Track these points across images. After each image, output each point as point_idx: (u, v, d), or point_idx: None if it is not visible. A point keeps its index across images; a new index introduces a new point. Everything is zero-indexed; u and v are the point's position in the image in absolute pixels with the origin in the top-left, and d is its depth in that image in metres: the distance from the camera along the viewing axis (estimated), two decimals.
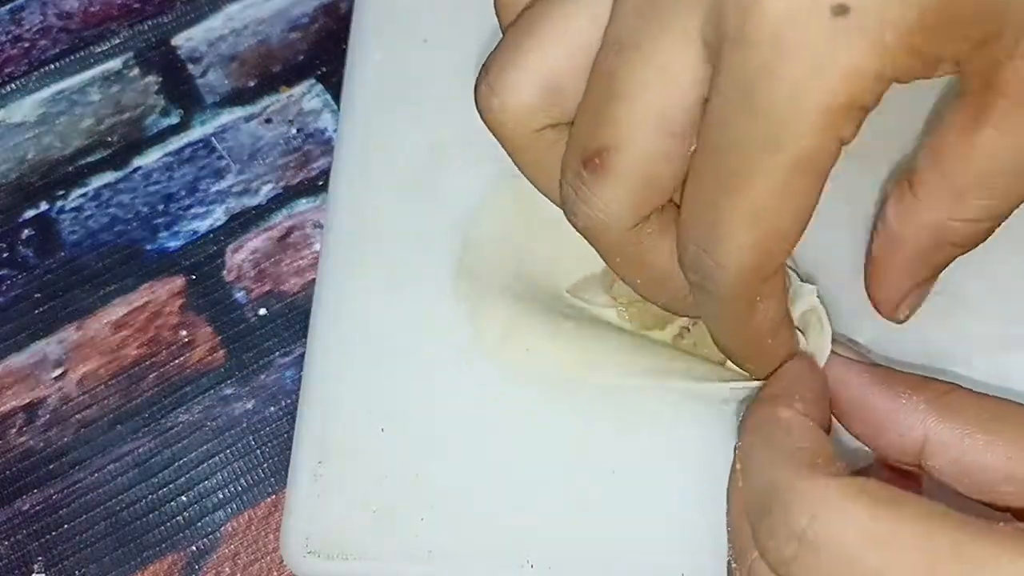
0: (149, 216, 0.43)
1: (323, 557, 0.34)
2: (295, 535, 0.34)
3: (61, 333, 0.41)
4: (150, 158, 0.45)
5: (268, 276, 0.42)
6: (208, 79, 0.46)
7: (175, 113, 0.46)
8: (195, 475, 0.38)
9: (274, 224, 0.43)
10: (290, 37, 0.47)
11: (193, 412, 0.39)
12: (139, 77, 0.47)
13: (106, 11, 0.48)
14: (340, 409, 0.36)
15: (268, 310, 0.41)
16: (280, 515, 0.37)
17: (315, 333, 0.38)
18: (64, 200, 0.44)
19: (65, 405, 0.40)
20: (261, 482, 0.38)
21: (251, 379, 0.40)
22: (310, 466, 0.35)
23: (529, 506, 0.34)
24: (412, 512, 0.34)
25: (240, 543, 0.37)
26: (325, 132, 0.45)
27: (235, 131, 0.45)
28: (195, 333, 0.41)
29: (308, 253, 0.42)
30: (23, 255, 0.43)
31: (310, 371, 0.37)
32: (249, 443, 0.39)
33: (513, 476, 0.34)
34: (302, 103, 0.45)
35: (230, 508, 0.38)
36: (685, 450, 0.34)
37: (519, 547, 0.33)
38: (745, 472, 0.27)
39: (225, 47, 0.47)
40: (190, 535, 0.37)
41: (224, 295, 0.42)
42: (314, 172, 0.44)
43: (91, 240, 0.43)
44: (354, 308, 0.38)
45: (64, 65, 0.47)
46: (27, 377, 0.41)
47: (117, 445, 0.39)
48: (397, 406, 0.36)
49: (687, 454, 0.34)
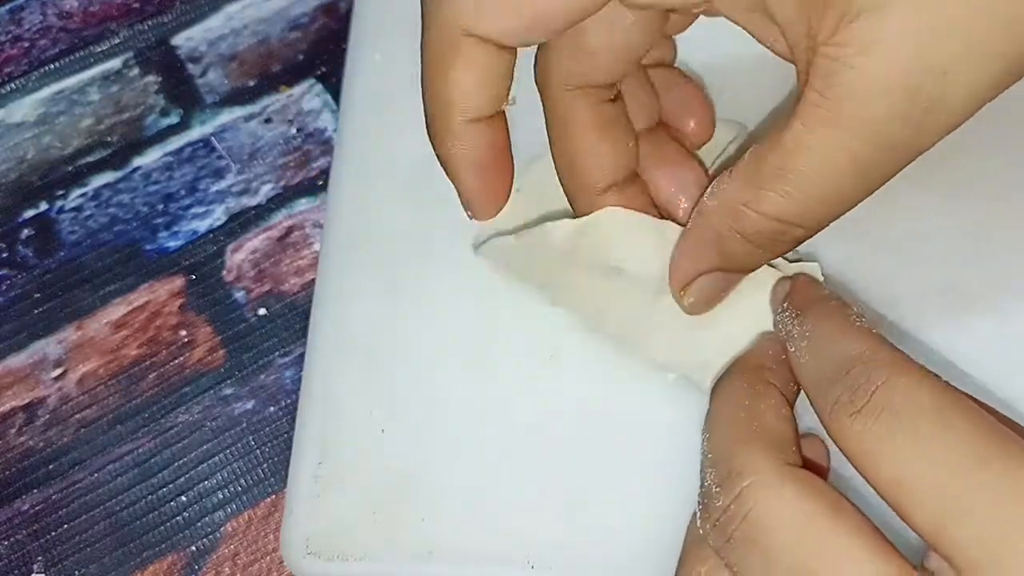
0: (149, 216, 0.43)
1: (323, 558, 0.34)
2: (295, 536, 0.34)
3: (61, 333, 0.41)
4: (150, 158, 0.45)
5: (268, 276, 0.42)
6: (208, 79, 0.46)
7: (175, 113, 0.46)
8: (195, 475, 0.38)
9: (274, 224, 0.43)
10: (290, 37, 0.47)
11: (193, 412, 0.39)
12: (139, 77, 0.47)
13: (106, 11, 0.48)
14: (340, 410, 0.36)
15: (268, 310, 0.41)
16: (280, 515, 0.37)
17: (315, 334, 0.38)
18: (64, 200, 0.44)
19: (65, 405, 0.40)
20: (261, 482, 0.38)
21: (251, 379, 0.40)
22: (310, 467, 0.35)
23: (530, 507, 0.34)
24: (413, 513, 0.34)
25: (240, 543, 0.37)
26: (325, 132, 0.45)
27: (235, 131, 0.45)
28: (195, 333, 0.41)
29: (308, 253, 0.42)
30: (23, 255, 0.43)
31: (310, 372, 0.37)
32: (249, 443, 0.39)
33: (514, 477, 0.34)
34: (302, 103, 0.45)
35: (230, 508, 0.38)
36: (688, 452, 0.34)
37: (520, 548, 0.33)
38: (709, 438, 0.28)
39: (225, 47, 0.47)
40: (190, 535, 0.37)
41: (224, 295, 0.42)
42: (314, 172, 0.44)
43: (91, 240, 0.43)
44: (354, 309, 0.38)
45: (64, 65, 0.47)
46: (27, 377, 0.41)
47: (117, 445, 0.39)
48: (397, 407, 0.36)
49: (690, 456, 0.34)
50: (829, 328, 0.28)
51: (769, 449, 0.26)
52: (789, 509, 0.25)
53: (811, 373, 0.27)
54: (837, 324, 0.28)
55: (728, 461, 0.26)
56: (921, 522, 0.24)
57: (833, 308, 0.29)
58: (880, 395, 0.25)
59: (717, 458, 0.27)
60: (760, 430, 0.27)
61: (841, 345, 0.27)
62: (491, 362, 0.36)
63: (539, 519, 0.33)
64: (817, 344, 0.28)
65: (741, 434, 0.27)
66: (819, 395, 0.26)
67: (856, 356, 0.26)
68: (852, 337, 0.27)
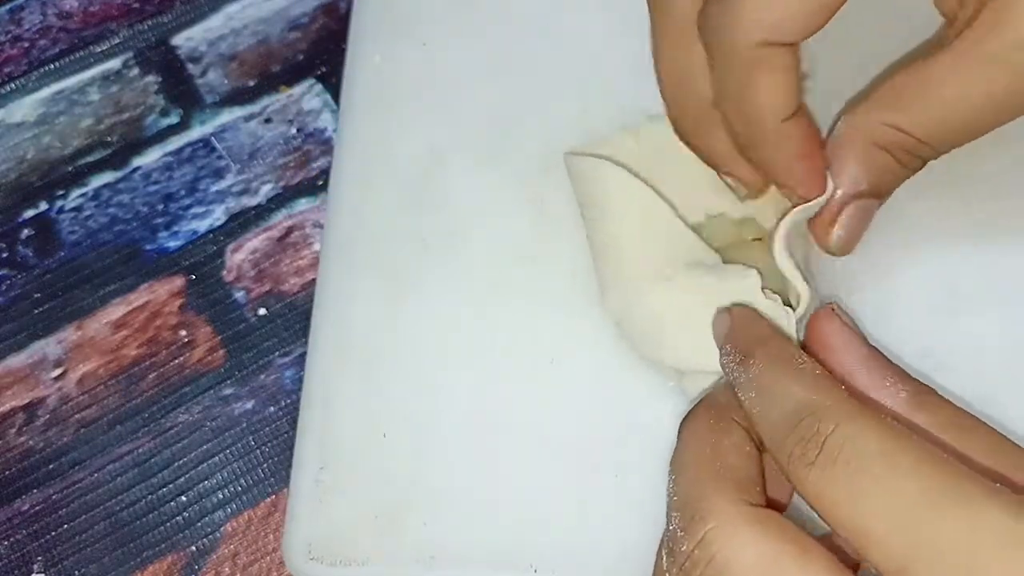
0: (149, 216, 0.43)
1: (326, 563, 0.34)
2: (298, 541, 0.34)
3: (61, 333, 0.41)
4: (150, 158, 0.45)
5: (268, 276, 0.42)
6: (208, 79, 0.46)
7: (175, 113, 0.46)
8: (195, 475, 0.38)
9: (274, 224, 0.43)
10: (290, 37, 0.47)
11: (193, 412, 0.39)
12: (139, 77, 0.47)
13: (106, 11, 0.48)
14: (342, 415, 0.36)
15: (268, 310, 0.41)
16: (280, 515, 0.37)
17: (316, 339, 0.38)
18: (64, 200, 0.44)
19: (65, 405, 0.40)
20: (261, 482, 0.38)
21: (251, 379, 0.40)
22: (312, 472, 0.35)
23: (532, 511, 0.34)
24: (415, 518, 0.34)
25: (240, 543, 0.37)
26: (325, 132, 0.45)
27: (235, 131, 0.45)
28: (195, 333, 0.41)
29: (308, 253, 0.42)
30: (23, 255, 0.43)
31: (311, 377, 0.37)
32: (249, 443, 0.39)
33: (516, 481, 0.34)
34: (302, 103, 0.45)
35: (230, 508, 0.38)
36: None
37: (522, 552, 0.33)
38: (675, 479, 0.28)
39: (225, 47, 0.47)
40: (190, 535, 0.37)
41: (224, 295, 0.42)
42: (314, 172, 0.44)
43: (91, 240, 0.43)
44: (354, 314, 0.37)
45: (64, 65, 0.47)
46: (27, 377, 0.41)
47: (117, 445, 0.39)
48: (398, 412, 0.36)
49: None
50: (775, 375, 0.28)
51: (732, 490, 0.26)
52: (752, 551, 0.25)
53: (764, 425, 0.27)
54: (782, 370, 0.28)
55: (691, 504, 0.27)
56: (884, 566, 0.24)
57: (776, 351, 0.29)
58: (830, 444, 0.25)
59: (682, 501, 0.27)
60: (723, 469, 0.27)
61: (788, 394, 0.27)
62: (492, 367, 0.36)
63: (541, 523, 0.33)
64: (765, 394, 0.28)
65: (704, 474, 0.27)
66: (775, 447, 0.26)
67: (804, 405, 0.26)
68: (799, 384, 0.27)
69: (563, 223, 0.38)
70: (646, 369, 0.35)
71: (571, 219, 0.37)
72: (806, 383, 0.27)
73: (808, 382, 0.27)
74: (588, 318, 0.36)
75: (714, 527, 0.25)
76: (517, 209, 0.38)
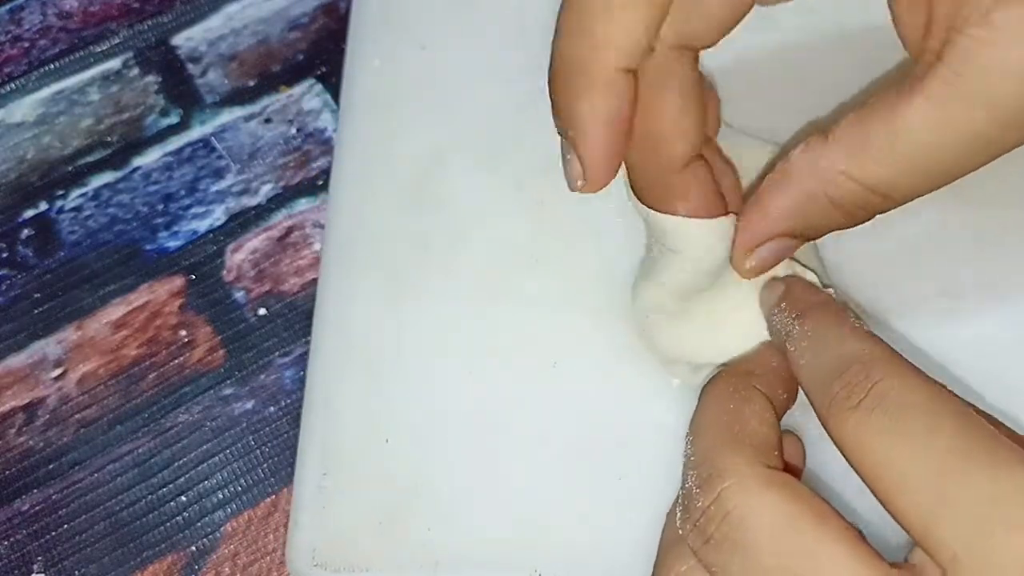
0: (149, 216, 0.43)
1: (330, 569, 0.34)
2: (302, 547, 0.34)
3: (61, 333, 0.41)
4: (150, 158, 0.45)
5: (268, 276, 0.42)
6: (208, 79, 0.46)
7: (175, 113, 0.46)
8: (195, 475, 0.38)
9: (274, 224, 0.43)
10: (290, 37, 0.47)
11: (193, 412, 0.39)
12: (139, 77, 0.47)
13: (106, 11, 0.48)
14: (344, 420, 0.36)
15: (268, 310, 0.41)
16: (280, 515, 0.37)
17: (317, 343, 0.38)
18: (64, 200, 0.44)
19: (65, 405, 0.40)
20: (261, 482, 0.38)
21: (251, 379, 0.40)
22: (315, 478, 0.35)
23: (536, 516, 0.34)
24: (418, 523, 0.34)
25: (240, 543, 0.37)
26: (325, 132, 0.45)
27: (235, 131, 0.45)
28: (195, 333, 0.41)
29: (308, 253, 0.42)
30: (23, 255, 0.43)
31: (313, 382, 0.37)
32: (249, 443, 0.39)
33: (519, 485, 0.34)
34: (302, 103, 0.45)
35: (230, 508, 0.38)
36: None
37: (526, 557, 0.33)
38: (693, 441, 0.28)
39: (225, 47, 0.47)
40: (190, 535, 0.37)
41: (224, 295, 0.42)
42: (314, 172, 0.44)
43: (91, 240, 0.43)
44: (356, 317, 0.37)
45: (64, 65, 0.47)
46: (27, 377, 0.41)
47: (117, 445, 0.39)
48: (401, 417, 0.36)
49: None
50: (829, 329, 0.28)
51: (751, 452, 0.27)
52: (770, 511, 0.25)
53: (810, 370, 0.28)
54: (837, 325, 0.28)
55: (710, 463, 0.27)
56: (907, 516, 0.24)
57: (833, 311, 0.29)
58: (875, 392, 0.25)
59: (699, 460, 0.27)
60: (743, 434, 0.28)
61: (840, 345, 0.27)
62: (494, 371, 0.36)
63: (545, 527, 0.33)
64: (817, 343, 0.28)
65: (724, 437, 0.28)
66: (817, 391, 0.27)
67: (854, 355, 0.27)
68: (851, 338, 0.28)
69: (564, 224, 0.38)
70: (650, 371, 0.35)
71: (572, 219, 0.37)
72: (860, 338, 0.27)
73: (862, 338, 0.27)
74: (590, 319, 0.36)
75: (731, 484, 0.26)
76: (518, 209, 0.38)
